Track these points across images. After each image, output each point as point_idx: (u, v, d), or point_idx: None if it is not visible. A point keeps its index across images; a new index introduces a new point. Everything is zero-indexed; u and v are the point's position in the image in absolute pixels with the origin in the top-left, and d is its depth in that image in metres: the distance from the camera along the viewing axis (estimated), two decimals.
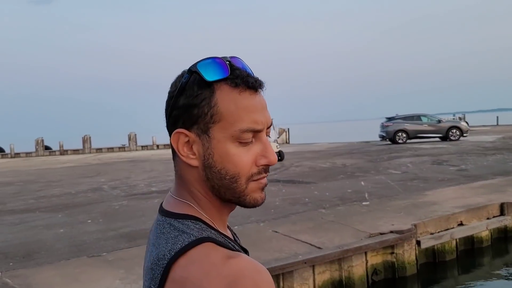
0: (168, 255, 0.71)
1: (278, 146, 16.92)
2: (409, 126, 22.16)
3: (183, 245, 0.71)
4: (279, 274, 4.97)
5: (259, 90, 0.77)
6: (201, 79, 0.74)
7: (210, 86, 0.74)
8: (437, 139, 22.38)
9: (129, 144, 33.45)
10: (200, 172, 0.77)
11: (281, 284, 5.02)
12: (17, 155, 32.43)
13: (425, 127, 22.33)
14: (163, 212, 0.80)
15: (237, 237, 0.94)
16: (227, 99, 0.74)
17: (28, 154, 32.61)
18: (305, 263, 5.06)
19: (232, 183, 0.75)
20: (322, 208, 7.58)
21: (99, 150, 33.47)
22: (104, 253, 5.57)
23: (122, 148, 33.76)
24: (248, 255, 0.79)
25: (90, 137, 33.31)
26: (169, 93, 0.79)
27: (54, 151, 33.33)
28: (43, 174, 17.08)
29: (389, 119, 23.08)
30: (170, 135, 0.78)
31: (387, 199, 8.08)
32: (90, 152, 32.75)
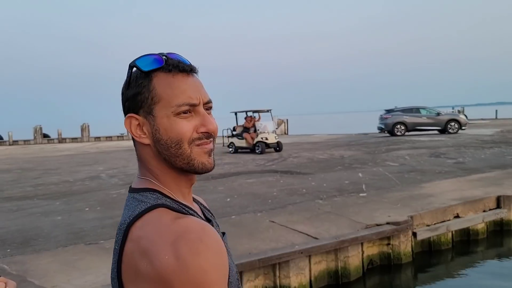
0: (128, 220, 0.83)
1: (277, 137, 16.92)
2: (408, 119, 22.15)
3: (140, 211, 0.83)
4: (276, 264, 5.01)
5: (192, 73, 0.90)
6: (140, 71, 0.88)
7: (148, 75, 0.87)
8: (436, 131, 22.40)
9: (127, 133, 33.40)
10: (153, 148, 0.89)
11: (278, 273, 5.06)
12: (15, 142, 32.38)
13: (423, 120, 22.33)
14: (130, 190, 0.92)
15: (209, 212, 1.03)
16: (163, 83, 0.87)
17: (26, 141, 32.57)
18: (302, 253, 5.09)
19: (177, 149, 0.87)
20: (319, 199, 7.60)
21: (97, 138, 33.45)
22: (102, 241, 5.59)
23: (120, 137, 33.73)
24: (212, 226, 0.86)
25: (88, 126, 33.25)
26: (122, 89, 0.92)
27: (53, 139, 33.28)
28: (41, 162, 17.07)
29: (388, 111, 23.05)
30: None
31: (384, 190, 8.10)
32: (88, 141, 32.72)
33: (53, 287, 4.17)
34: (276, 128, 22.77)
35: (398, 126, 22.06)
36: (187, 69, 0.89)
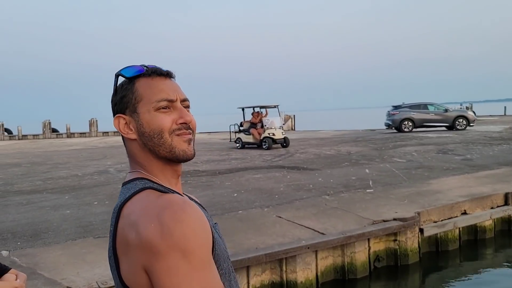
0: (120, 203, 0.94)
1: (284, 133, 16.92)
2: (416, 115, 22.04)
3: (129, 194, 0.95)
4: (282, 259, 5.04)
5: (168, 76, 1.04)
6: (125, 77, 1.02)
7: (131, 81, 1.02)
8: (443, 128, 22.27)
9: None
10: (139, 142, 1.00)
11: (284, 268, 5.09)
12: (24, 137, 32.65)
13: (431, 116, 22.20)
14: (123, 184, 1.03)
15: (201, 206, 1.08)
16: (144, 85, 1.01)
17: (35, 136, 32.83)
18: (308, 248, 5.12)
19: (159, 139, 0.98)
20: (326, 194, 7.62)
21: (105, 133, 33.63)
22: None
23: None
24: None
25: (96, 120, 33.43)
26: (111, 97, 1.05)
27: (61, 134, 33.51)
28: (50, 156, 17.22)
29: (396, 107, 22.95)
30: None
31: (391, 187, 8.10)
32: (96, 135, 32.92)
33: (62, 280, 4.23)
34: (283, 124, 22.76)
35: (406, 122, 21.97)
36: (164, 73, 1.03)
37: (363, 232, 5.59)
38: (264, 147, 16.42)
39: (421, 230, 6.18)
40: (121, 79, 1.05)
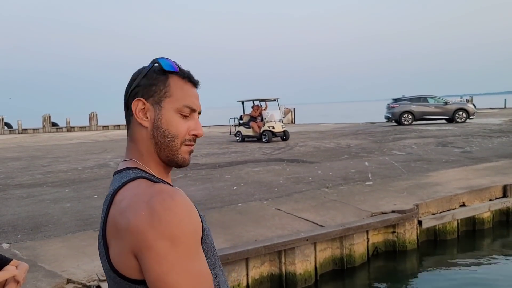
0: (112, 191, 0.96)
1: (283, 126, 16.92)
2: (415, 108, 22.02)
3: (122, 182, 0.97)
4: (281, 251, 5.07)
5: (196, 86, 1.09)
6: (160, 68, 1.04)
7: (165, 74, 1.04)
8: (443, 121, 22.26)
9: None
10: (149, 131, 1.03)
11: (283, 260, 5.12)
12: (24, 131, 32.68)
13: (431, 109, 22.18)
14: (115, 172, 1.05)
15: None
16: (177, 84, 1.04)
17: (35, 130, 32.85)
18: (307, 240, 5.14)
19: (171, 141, 1.02)
20: (325, 187, 7.64)
21: (105, 127, 33.64)
22: None
23: None
24: None
25: (96, 114, 33.43)
26: (133, 75, 1.06)
27: (61, 128, 33.54)
28: (50, 150, 17.25)
29: (396, 100, 22.92)
30: (128, 106, 1.05)
31: (390, 179, 8.12)
32: (96, 129, 32.93)
33: (62, 272, 4.26)
34: (283, 117, 22.75)
35: (406, 115, 21.96)
36: (195, 82, 1.08)
37: (361, 224, 5.61)
38: (264, 140, 16.43)
39: (420, 222, 6.21)
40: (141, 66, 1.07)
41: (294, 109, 33.56)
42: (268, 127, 16.43)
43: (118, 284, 0.93)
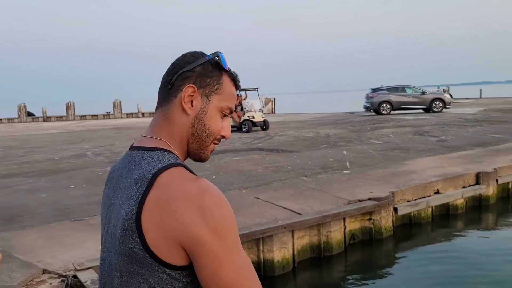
0: (152, 171, 0.93)
1: (263, 116, 16.95)
2: (394, 98, 22.30)
3: (164, 165, 0.94)
4: (259, 238, 5.12)
5: (238, 89, 1.12)
6: (217, 63, 1.05)
7: (220, 70, 1.05)
8: (421, 110, 22.63)
9: (113, 111, 33.08)
10: (190, 120, 1.03)
11: (261, 247, 5.17)
12: None
13: (409, 99, 22.51)
14: (137, 148, 1.02)
15: None
16: (228, 84, 1.06)
17: (10, 120, 32.07)
18: (285, 228, 5.21)
19: (206, 137, 1.05)
20: (304, 176, 7.72)
21: (83, 117, 33.08)
22: (87, 217, 5.64)
23: (106, 116, 33.39)
24: None
25: (74, 104, 32.82)
26: (186, 57, 1.05)
27: (37, 118, 32.83)
28: (26, 140, 16.90)
29: (374, 90, 23.17)
30: (172, 85, 1.03)
31: (367, 168, 8.25)
32: (74, 119, 32.35)
33: (38, 262, 4.22)
34: (263, 107, 22.75)
35: (384, 105, 22.22)
36: (239, 87, 1.11)
37: (338, 212, 5.70)
38: (243, 130, 16.44)
39: (395, 209, 6.35)
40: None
41: (274, 98, 33.58)
42: (248, 116, 16.44)
43: (143, 265, 0.91)
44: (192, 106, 1.02)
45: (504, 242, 6.31)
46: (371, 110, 22.97)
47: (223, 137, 1.08)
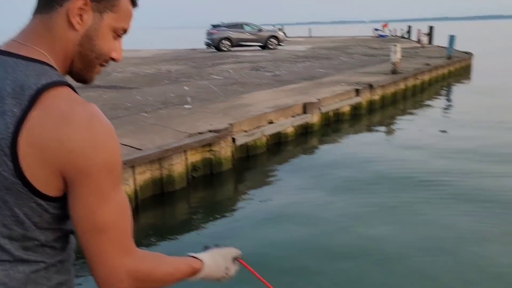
0: (34, 86, 0.80)
1: None
2: (233, 34, 22.81)
3: (50, 81, 0.81)
4: None
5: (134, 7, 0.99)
6: None
7: None
8: (258, 47, 23.67)
9: None
10: (77, 37, 0.88)
11: None
12: None
13: (247, 36, 23.27)
14: (8, 53, 0.85)
15: None
16: (126, 3, 0.93)
17: None
18: (125, 164, 5.09)
19: (95, 58, 0.93)
20: (144, 112, 7.55)
21: None
22: None
23: None
24: None
25: None
26: None
27: None
28: None
29: (215, 26, 23.30)
30: None
31: (208, 102, 8.44)
32: None
33: None
34: None
35: (224, 41, 22.61)
36: (136, 3, 0.97)
37: (179, 145, 5.78)
38: None
39: (234, 140, 6.70)
40: None
41: None
42: None
43: (11, 192, 0.80)
44: (81, 21, 0.87)
45: (325, 156, 7.26)
46: (212, 47, 23.19)
47: (114, 59, 0.97)
